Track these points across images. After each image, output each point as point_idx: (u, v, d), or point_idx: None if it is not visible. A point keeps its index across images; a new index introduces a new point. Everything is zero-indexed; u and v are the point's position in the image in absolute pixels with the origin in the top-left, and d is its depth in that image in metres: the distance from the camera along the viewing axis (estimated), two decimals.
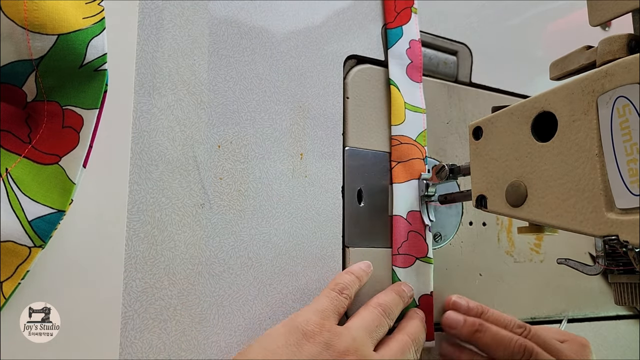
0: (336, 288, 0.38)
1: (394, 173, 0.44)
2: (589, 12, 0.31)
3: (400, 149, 0.44)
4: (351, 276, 0.39)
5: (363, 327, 0.36)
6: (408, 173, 0.44)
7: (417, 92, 0.46)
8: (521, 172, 0.33)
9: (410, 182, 0.44)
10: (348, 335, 0.35)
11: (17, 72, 0.27)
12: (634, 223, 0.26)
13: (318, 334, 0.34)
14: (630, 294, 0.32)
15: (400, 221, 0.43)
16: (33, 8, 0.26)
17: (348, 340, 0.34)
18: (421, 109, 0.45)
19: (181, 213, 0.35)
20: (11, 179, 0.27)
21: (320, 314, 0.35)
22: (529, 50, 0.56)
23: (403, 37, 0.46)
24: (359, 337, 0.35)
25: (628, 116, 0.27)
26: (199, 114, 0.36)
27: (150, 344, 0.32)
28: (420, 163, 0.44)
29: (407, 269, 0.42)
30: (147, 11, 0.35)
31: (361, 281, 0.39)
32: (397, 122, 0.44)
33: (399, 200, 0.43)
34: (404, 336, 0.38)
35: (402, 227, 0.43)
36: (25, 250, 0.27)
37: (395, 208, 0.43)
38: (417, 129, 0.45)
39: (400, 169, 0.44)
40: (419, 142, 0.44)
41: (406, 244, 0.43)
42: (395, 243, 0.43)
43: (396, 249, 0.42)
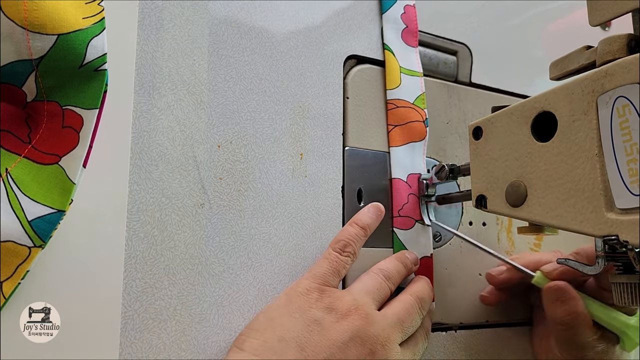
0: (337, 247, 0.37)
1: (391, 136, 0.44)
2: (589, 12, 0.31)
3: (397, 112, 0.44)
4: (355, 228, 0.38)
5: (364, 290, 0.36)
6: (406, 136, 0.44)
7: (412, 56, 0.45)
8: (521, 172, 0.33)
9: (409, 145, 0.44)
10: (349, 296, 0.35)
11: (17, 72, 0.27)
12: (634, 223, 0.26)
13: (319, 299, 0.34)
14: (630, 294, 0.32)
15: (400, 184, 0.43)
16: (33, 8, 0.26)
17: (349, 301, 0.35)
18: (418, 73, 0.45)
19: (181, 213, 0.35)
20: (11, 179, 0.27)
21: (320, 279, 0.36)
22: (529, 50, 0.56)
23: (397, 2, 0.45)
24: (360, 297, 0.35)
25: (628, 116, 0.27)
26: (199, 114, 0.36)
27: (150, 344, 0.32)
28: (421, 125, 0.44)
29: (407, 231, 0.42)
30: (147, 11, 0.35)
31: (368, 231, 0.39)
32: (392, 87, 0.44)
33: (397, 163, 0.43)
34: (407, 296, 0.38)
35: (403, 189, 0.43)
36: (25, 250, 0.27)
37: (394, 171, 0.43)
38: (414, 93, 0.45)
39: (398, 132, 0.44)
40: (418, 105, 0.44)
41: (407, 207, 0.43)
42: (396, 205, 0.43)
43: (397, 211, 0.43)
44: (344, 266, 0.37)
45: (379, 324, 0.35)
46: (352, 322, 0.34)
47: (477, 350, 0.46)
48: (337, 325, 0.33)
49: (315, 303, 0.34)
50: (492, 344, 0.47)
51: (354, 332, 0.33)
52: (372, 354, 0.33)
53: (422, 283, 0.40)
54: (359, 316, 0.34)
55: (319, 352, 0.32)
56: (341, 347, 0.33)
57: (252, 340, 0.33)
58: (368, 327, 0.34)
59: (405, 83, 0.44)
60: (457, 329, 0.46)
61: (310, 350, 0.32)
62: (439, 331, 0.45)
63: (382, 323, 0.35)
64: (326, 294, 0.35)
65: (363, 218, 0.39)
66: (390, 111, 0.44)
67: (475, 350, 0.46)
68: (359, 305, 0.35)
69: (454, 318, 0.46)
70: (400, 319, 0.36)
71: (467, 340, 0.46)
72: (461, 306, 0.46)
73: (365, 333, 0.34)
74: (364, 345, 0.33)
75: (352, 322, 0.34)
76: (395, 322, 0.36)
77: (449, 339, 0.45)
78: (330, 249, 0.37)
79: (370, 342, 0.34)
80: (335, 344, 0.33)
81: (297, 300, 0.34)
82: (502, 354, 0.48)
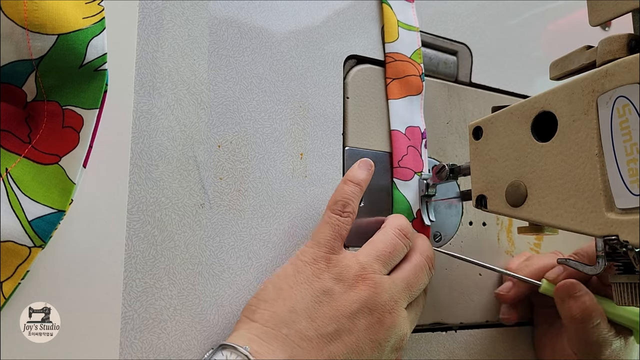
0: (336, 208, 0.37)
1: (389, 89, 0.44)
2: (589, 12, 0.31)
3: (395, 65, 0.44)
4: (351, 186, 0.38)
5: (374, 254, 0.36)
6: (404, 89, 0.44)
7: (409, 11, 0.46)
8: (521, 172, 0.33)
9: (407, 98, 0.44)
10: (357, 265, 0.35)
11: (17, 72, 0.27)
12: (634, 223, 0.26)
13: (326, 269, 0.34)
14: (630, 294, 0.32)
15: (399, 135, 0.43)
16: (33, 8, 0.26)
17: (357, 269, 0.34)
18: (414, 27, 0.46)
19: (181, 213, 0.35)
20: (11, 179, 0.27)
21: (325, 246, 0.35)
22: (529, 50, 0.56)
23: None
24: (368, 263, 0.35)
25: (628, 116, 0.27)
26: (199, 114, 0.36)
27: (150, 343, 0.32)
28: (418, 80, 0.45)
29: (407, 182, 0.43)
30: (147, 11, 0.35)
31: (363, 186, 0.39)
32: (390, 40, 0.45)
33: (396, 115, 0.44)
34: (418, 257, 0.38)
35: (402, 141, 0.43)
36: (25, 250, 0.27)
37: (393, 123, 0.44)
38: (411, 47, 0.45)
39: (396, 85, 0.44)
40: (414, 59, 0.45)
41: (406, 158, 0.43)
42: (396, 156, 0.43)
43: (397, 162, 0.43)
44: (345, 228, 0.37)
45: (387, 292, 0.34)
46: (360, 292, 0.34)
47: (477, 350, 0.46)
48: (346, 296, 0.34)
49: (323, 273, 0.34)
50: (492, 344, 0.47)
51: (362, 302, 0.33)
52: (380, 322, 0.34)
53: (426, 241, 0.40)
54: (367, 285, 0.34)
55: (328, 323, 0.33)
56: (350, 317, 0.33)
57: (262, 311, 0.33)
58: (376, 296, 0.34)
59: (403, 37, 0.45)
60: (457, 329, 0.46)
61: (320, 320, 0.33)
62: (439, 331, 0.45)
63: (390, 290, 0.35)
64: (333, 263, 0.35)
65: (356, 174, 0.38)
66: (388, 64, 0.44)
67: (475, 350, 0.46)
68: (367, 274, 0.34)
69: (454, 318, 0.46)
70: (409, 284, 0.36)
71: (467, 340, 0.46)
72: (461, 306, 0.46)
73: (373, 302, 0.34)
74: (372, 314, 0.34)
75: (360, 292, 0.34)
76: (404, 287, 0.36)
77: (449, 339, 0.45)
78: (330, 212, 0.37)
79: (379, 310, 0.34)
80: (344, 315, 0.33)
81: (304, 270, 0.34)
82: (502, 354, 0.48)
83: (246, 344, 0.31)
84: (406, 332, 0.36)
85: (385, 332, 0.34)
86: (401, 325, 0.35)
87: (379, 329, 0.34)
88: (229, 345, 0.30)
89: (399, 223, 0.38)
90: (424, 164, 0.44)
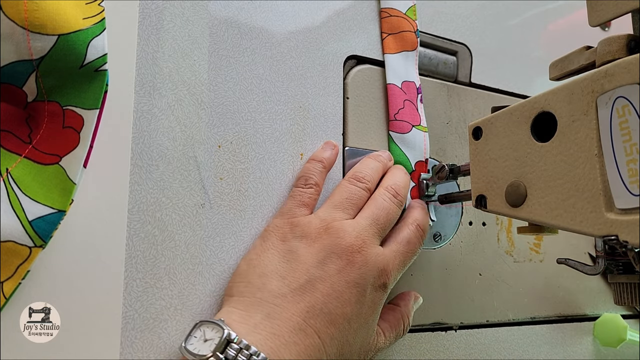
0: (299, 183, 0.38)
1: (385, 44, 0.45)
2: (589, 12, 0.31)
3: (390, 21, 0.45)
4: (312, 163, 0.39)
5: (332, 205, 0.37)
6: (399, 45, 0.45)
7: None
8: (521, 172, 0.33)
9: (403, 54, 0.45)
10: (317, 219, 0.36)
11: (17, 72, 0.27)
12: (634, 223, 0.26)
13: (290, 231, 0.35)
14: (630, 294, 0.32)
15: (395, 89, 0.44)
16: (33, 8, 0.26)
17: (317, 222, 0.35)
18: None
19: (182, 213, 0.35)
20: (12, 179, 0.27)
21: (287, 214, 0.37)
22: (529, 50, 0.56)
23: None
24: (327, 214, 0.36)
25: (628, 116, 0.27)
26: (199, 114, 0.36)
27: (150, 343, 0.32)
28: (413, 36, 0.45)
29: (404, 135, 0.43)
30: (147, 11, 0.35)
31: (326, 163, 0.39)
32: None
33: (392, 69, 0.44)
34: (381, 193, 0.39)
35: (398, 94, 0.44)
36: (25, 250, 0.27)
37: (389, 77, 0.44)
38: (406, 3, 0.46)
39: (391, 40, 0.45)
40: (409, 15, 0.45)
41: (402, 112, 0.44)
42: (392, 109, 0.43)
43: (393, 115, 0.43)
44: (309, 197, 0.37)
45: (351, 233, 0.35)
46: (323, 241, 0.34)
47: (477, 350, 0.46)
48: (311, 249, 0.34)
49: (286, 235, 0.35)
50: (492, 344, 0.47)
51: (327, 249, 0.34)
52: (350, 262, 0.34)
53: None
54: (329, 234, 0.34)
55: (299, 277, 0.33)
56: (319, 266, 0.33)
57: (237, 284, 0.34)
58: (340, 240, 0.34)
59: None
60: (457, 329, 0.46)
61: (290, 276, 0.33)
62: (439, 331, 0.45)
63: (354, 230, 0.35)
64: (295, 224, 0.36)
65: (318, 153, 0.40)
66: (384, 19, 0.45)
67: (475, 350, 0.46)
68: (328, 223, 0.35)
69: (454, 318, 0.46)
70: (374, 219, 0.36)
71: (467, 340, 0.46)
72: (461, 306, 0.46)
73: (338, 246, 0.34)
74: (340, 257, 0.34)
75: (323, 241, 0.34)
76: (369, 224, 0.36)
77: (449, 339, 0.45)
78: (293, 187, 0.38)
79: (346, 252, 0.34)
80: (312, 265, 0.33)
81: (270, 237, 0.36)
82: (502, 353, 0.48)
83: (223, 317, 0.31)
84: (385, 266, 0.35)
85: (358, 270, 0.34)
86: (375, 260, 0.35)
87: (351, 269, 0.33)
88: (205, 321, 0.31)
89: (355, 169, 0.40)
90: (421, 118, 0.44)
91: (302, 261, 0.33)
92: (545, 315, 0.51)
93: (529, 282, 0.50)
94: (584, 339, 0.53)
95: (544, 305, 0.51)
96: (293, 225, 0.36)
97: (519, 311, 0.49)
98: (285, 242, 0.35)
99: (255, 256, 0.35)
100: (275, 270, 0.33)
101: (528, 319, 0.50)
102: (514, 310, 0.49)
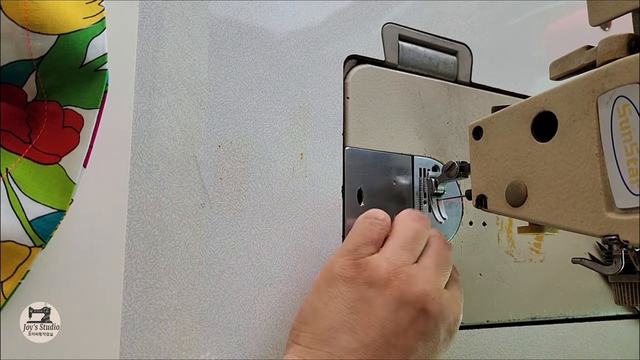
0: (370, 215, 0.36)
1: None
2: (589, 12, 0.31)
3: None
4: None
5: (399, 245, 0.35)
6: None
7: None
8: (521, 172, 0.33)
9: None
10: (385, 262, 0.33)
11: (17, 72, 0.27)
12: (634, 223, 0.26)
13: (356, 276, 0.33)
14: (630, 293, 0.32)
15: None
16: (33, 8, 0.26)
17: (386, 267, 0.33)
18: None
19: (181, 213, 0.35)
20: (11, 179, 0.27)
21: (353, 253, 0.34)
22: (529, 50, 0.56)
23: None
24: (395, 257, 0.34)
25: (628, 116, 0.27)
26: (199, 114, 0.36)
27: (150, 343, 0.32)
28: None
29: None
30: (147, 11, 0.35)
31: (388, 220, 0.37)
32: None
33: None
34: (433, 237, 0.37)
35: None
36: (25, 250, 0.27)
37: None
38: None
39: None
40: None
41: None
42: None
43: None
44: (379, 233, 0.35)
45: (422, 279, 0.33)
46: (394, 290, 0.32)
47: (477, 350, 0.46)
48: (382, 298, 0.32)
49: (354, 280, 0.33)
50: (492, 344, 0.47)
51: (399, 298, 0.32)
52: (424, 311, 0.32)
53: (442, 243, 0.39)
54: (400, 281, 0.32)
55: (370, 330, 0.31)
56: (391, 318, 0.32)
57: (304, 334, 0.32)
58: (412, 287, 0.32)
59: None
60: None
61: (362, 330, 0.31)
62: None
63: (424, 277, 0.33)
64: (362, 267, 0.33)
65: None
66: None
67: (475, 350, 0.46)
68: (397, 268, 0.33)
69: None
70: (437, 263, 0.35)
71: (467, 340, 0.46)
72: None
73: (411, 294, 0.32)
74: (413, 306, 0.32)
75: (394, 290, 0.32)
76: (434, 268, 0.34)
77: None
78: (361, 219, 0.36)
79: (420, 300, 0.32)
80: (384, 317, 0.32)
81: (335, 283, 0.33)
82: (502, 353, 0.48)
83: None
84: (456, 311, 0.34)
85: (433, 320, 0.32)
86: (448, 306, 0.33)
87: (426, 319, 0.32)
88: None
89: (410, 210, 0.38)
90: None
91: (373, 312, 0.32)
92: (545, 315, 0.51)
93: (529, 282, 0.50)
94: (584, 339, 0.53)
95: (544, 305, 0.51)
96: (360, 267, 0.33)
97: (519, 311, 0.49)
98: (352, 289, 0.33)
99: (322, 305, 0.33)
100: (344, 323, 0.32)
101: (528, 319, 0.50)
102: (514, 310, 0.49)
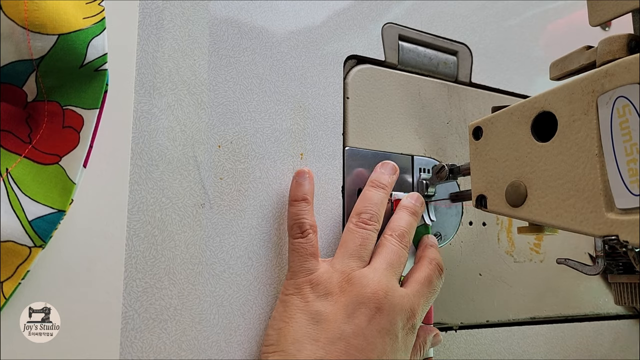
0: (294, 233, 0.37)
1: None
2: (589, 12, 0.31)
3: None
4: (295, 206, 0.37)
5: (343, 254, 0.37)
6: None
7: None
8: (521, 172, 0.33)
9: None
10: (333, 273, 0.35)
11: (17, 72, 0.27)
12: (634, 223, 0.26)
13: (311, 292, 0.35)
14: (630, 293, 0.32)
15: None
16: (33, 8, 0.26)
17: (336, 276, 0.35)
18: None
19: (181, 213, 0.35)
20: (11, 179, 0.27)
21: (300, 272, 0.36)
22: (529, 50, 0.56)
23: None
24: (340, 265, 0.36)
25: (628, 116, 0.27)
26: (199, 114, 0.36)
27: (150, 343, 0.32)
28: None
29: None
30: (147, 11, 0.35)
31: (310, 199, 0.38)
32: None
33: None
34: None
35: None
36: (25, 250, 0.27)
37: None
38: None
39: None
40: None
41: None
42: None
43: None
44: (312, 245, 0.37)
45: (373, 279, 0.35)
46: (348, 294, 0.34)
47: (477, 350, 0.46)
48: (338, 305, 0.34)
49: (309, 296, 0.35)
50: (492, 344, 0.47)
51: (353, 301, 0.34)
52: (379, 310, 0.34)
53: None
54: (352, 285, 0.34)
55: (332, 336, 0.33)
56: (348, 321, 0.33)
57: (272, 354, 0.34)
58: (363, 289, 0.34)
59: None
60: (457, 329, 0.46)
61: (324, 338, 0.33)
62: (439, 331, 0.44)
63: (373, 277, 0.35)
64: (315, 283, 0.35)
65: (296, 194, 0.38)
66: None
67: (475, 350, 0.46)
68: (347, 275, 0.35)
69: (454, 318, 0.46)
70: (388, 263, 0.36)
71: (467, 340, 0.46)
72: (461, 306, 0.46)
73: (363, 296, 0.34)
74: (368, 306, 0.34)
75: (348, 294, 0.34)
76: (384, 268, 0.36)
77: (449, 339, 0.45)
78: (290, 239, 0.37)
79: (372, 300, 0.34)
80: (342, 321, 0.33)
81: (292, 302, 0.35)
82: (502, 353, 0.48)
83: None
84: (412, 307, 0.35)
85: (387, 317, 0.34)
86: (401, 303, 0.35)
87: (381, 316, 0.34)
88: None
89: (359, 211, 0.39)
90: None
91: (332, 320, 0.33)
92: (545, 315, 0.51)
93: (529, 282, 0.50)
94: (584, 339, 0.53)
95: (544, 305, 0.51)
96: (313, 284, 0.35)
97: (519, 311, 0.49)
98: (309, 303, 0.35)
99: (283, 324, 0.34)
100: (307, 334, 0.33)
101: (528, 319, 0.50)
102: (514, 310, 0.49)
